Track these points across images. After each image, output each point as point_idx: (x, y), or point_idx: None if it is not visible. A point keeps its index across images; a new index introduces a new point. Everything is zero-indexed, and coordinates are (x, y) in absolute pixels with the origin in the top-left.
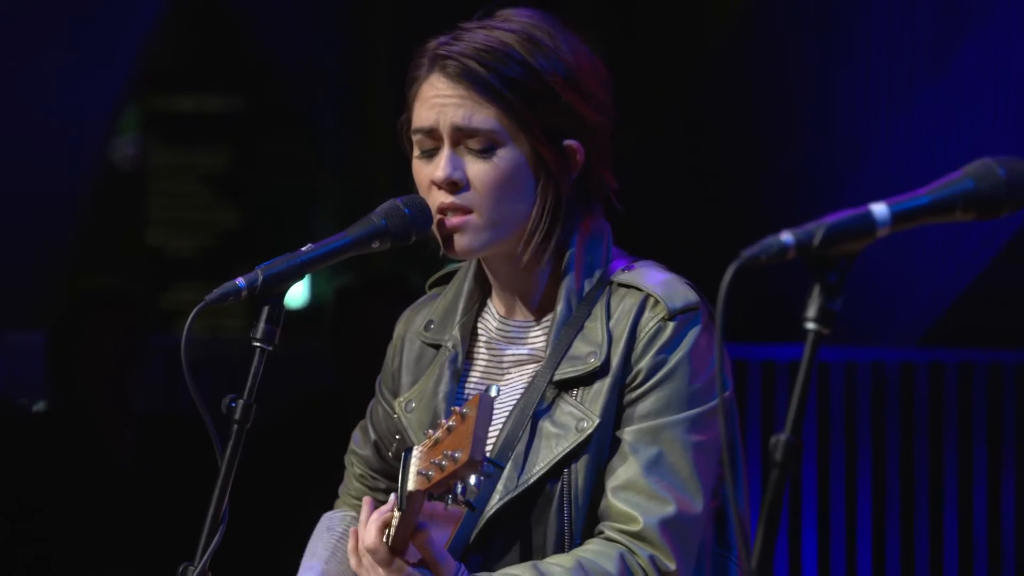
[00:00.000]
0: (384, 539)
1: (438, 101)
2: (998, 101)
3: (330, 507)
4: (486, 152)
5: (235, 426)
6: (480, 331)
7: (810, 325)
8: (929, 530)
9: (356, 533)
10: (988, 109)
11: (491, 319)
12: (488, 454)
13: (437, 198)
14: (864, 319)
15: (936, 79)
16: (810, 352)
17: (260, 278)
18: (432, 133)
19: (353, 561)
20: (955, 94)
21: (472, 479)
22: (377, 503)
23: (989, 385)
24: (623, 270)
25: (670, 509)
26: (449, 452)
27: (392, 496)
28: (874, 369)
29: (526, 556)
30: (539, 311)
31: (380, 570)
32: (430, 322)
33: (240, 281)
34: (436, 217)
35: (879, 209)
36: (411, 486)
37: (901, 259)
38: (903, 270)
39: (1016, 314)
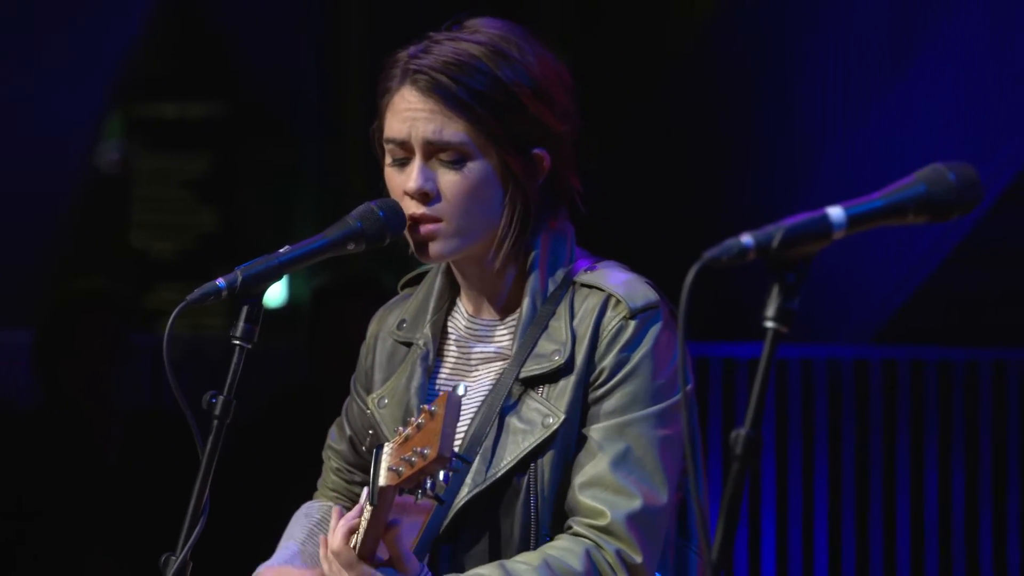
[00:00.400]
0: (352, 543)
1: (410, 115)
2: (950, 110)
3: (308, 499)
4: (456, 164)
5: (215, 422)
6: (450, 329)
7: (769, 324)
8: (883, 520)
9: (325, 541)
10: (940, 117)
11: (460, 318)
12: (456, 449)
13: (409, 207)
14: (820, 318)
15: (891, 88)
16: (769, 350)
17: (239, 279)
18: (404, 145)
19: (325, 567)
20: (909, 103)
21: (440, 474)
22: (346, 509)
23: (939, 381)
24: (586, 271)
25: (637, 503)
26: (419, 449)
27: (360, 500)
28: (830, 366)
29: (494, 547)
30: (505, 310)
31: (345, 573)
32: (402, 321)
33: (220, 282)
34: (409, 223)
35: (835, 212)
36: (382, 481)
37: (856, 260)
38: (858, 271)
39: (965, 313)
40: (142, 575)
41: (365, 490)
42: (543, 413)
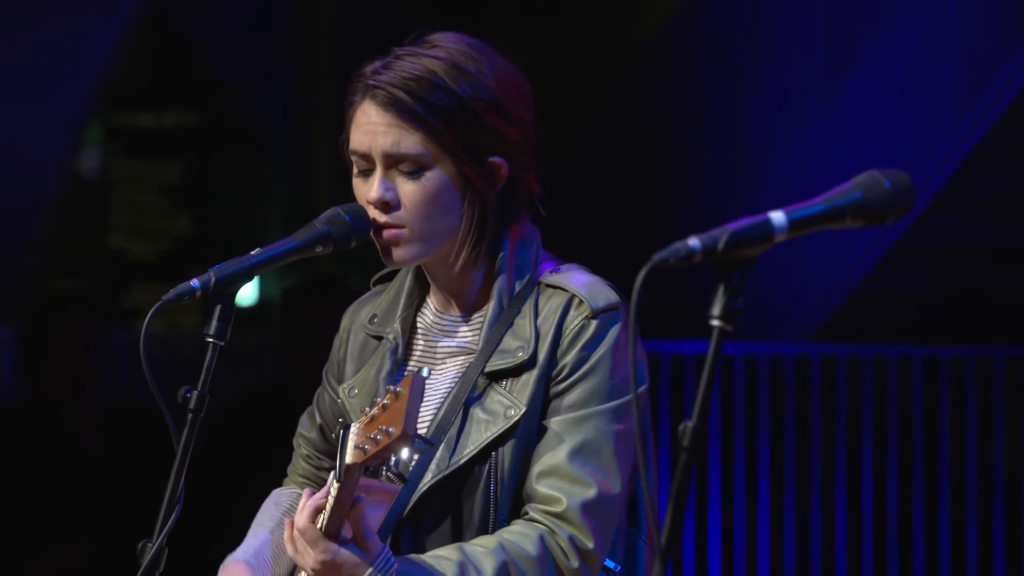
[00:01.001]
0: (319, 523)
1: (369, 128)
2: (883, 120)
3: (278, 485)
4: (414, 174)
5: (190, 415)
6: (419, 324)
7: (715, 322)
8: (821, 508)
9: (291, 523)
10: (874, 127)
11: (429, 313)
12: (423, 432)
13: (373, 215)
14: (764, 317)
15: (828, 99)
16: (715, 346)
17: (213, 279)
18: (366, 156)
19: (289, 548)
20: (846, 112)
21: (405, 452)
22: (315, 490)
23: (875, 376)
24: (551, 272)
25: (592, 492)
26: (384, 427)
27: (328, 481)
28: (772, 362)
29: (455, 529)
30: (472, 308)
31: (310, 550)
32: (374, 316)
33: (195, 282)
34: (374, 230)
35: (777, 216)
36: (349, 459)
37: (796, 262)
38: (798, 272)
39: (899, 312)
40: (120, 561)
41: (332, 474)
42: (505, 405)
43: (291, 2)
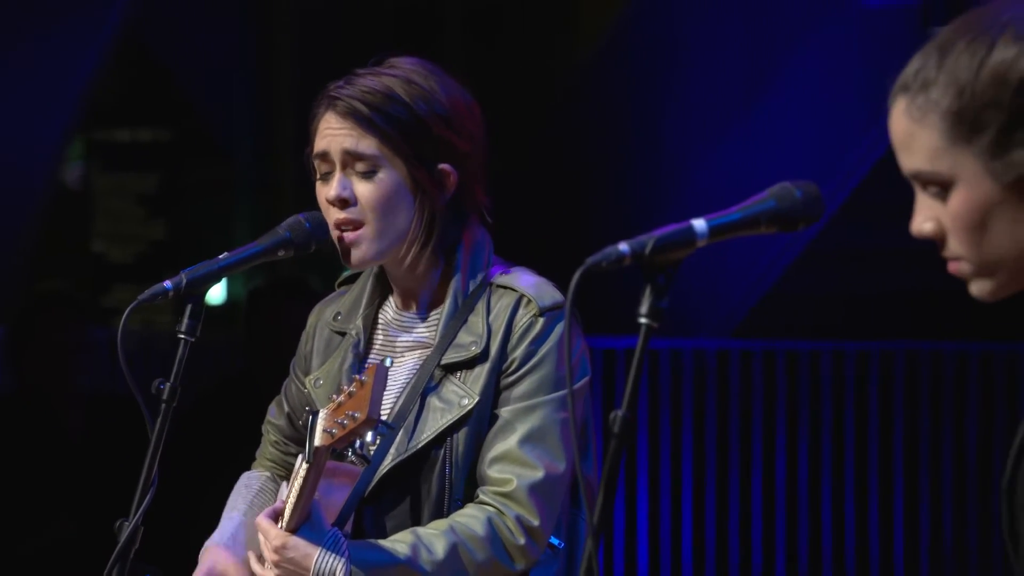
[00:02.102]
0: (287, 506)
1: (330, 133)
2: (794, 135)
3: (247, 468)
4: (369, 174)
5: (163, 404)
6: (380, 321)
7: (642, 320)
8: (740, 490)
9: (254, 553)
10: (786, 142)
11: (390, 310)
12: (385, 418)
13: (333, 214)
14: (687, 315)
15: (745, 116)
16: (642, 342)
17: (184, 280)
18: (326, 157)
19: (253, 561)
20: (761, 128)
21: (369, 436)
22: (282, 478)
23: (787, 369)
24: (501, 274)
25: (539, 474)
26: (350, 412)
27: (296, 464)
28: (695, 356)
29: (414, 508)
30: (429, 306)
31: (265, 542)
32: (338, 314)
33: (167, 283)
34: (335, 234)
35: (699, 224)
36: (318, 442)
37: (717, 265)
38: (719, 275)
39: (808, 310)
40: (100, 538)
41: (300, 457)
42: (460, 395)
43: (255, 29)
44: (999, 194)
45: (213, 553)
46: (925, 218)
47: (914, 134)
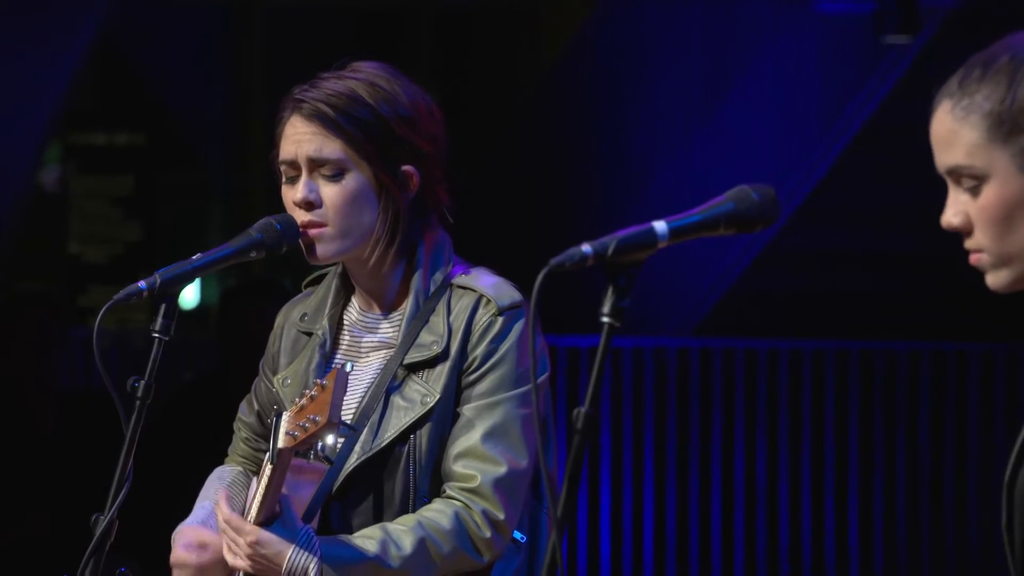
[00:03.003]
0: (253, 505)
1: (296, 137)
2: (753, 140)
3: (220, 464)
4: (335, 177)
5: (138, 402)
6: (345, 322)
7: (604, 319)
8: (699, 483)
9: (219, 511)
10: (745, 146)
11: (354, 312)
12: (349, 421)
13: (299, 216)
14: (649, 314)
15: (706, 121)
16: (605, 341)
17: (158, 281)
18: (293, 164)
19: (225, 550)
20: (721, 133)
21: (330, 438)
22: (252, 473)
23: (745, 366)
24: (461, 274)
25: (503, 469)
26: (311, 416)
27: (263, 463)
28: (656, 354)
29: (378, 505)
30: (391, 307)
31: (238, 538)
32: (304, 314)
33: (142, 284)
34: (300, 232)
35: (659, 225)
36: (281, 444)
37: (678, 266)
38: (680, 275)
39: (764, 310)
40: (75, 532)
41: (267, 454)
42: (422, 393)
43: (226, 36)
44: None
45: (188, 532)
46: (955, 212)
47: (956, 131)
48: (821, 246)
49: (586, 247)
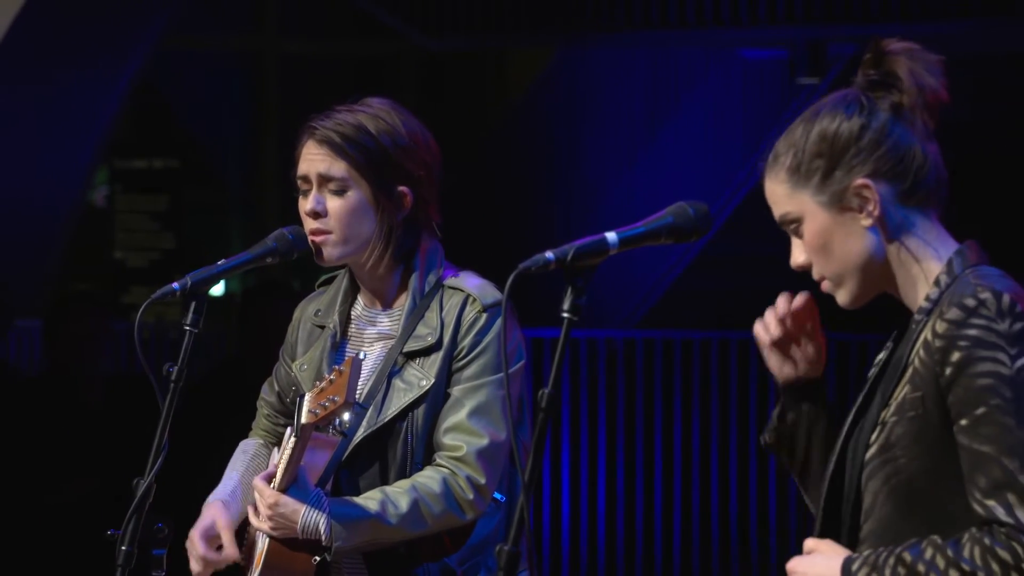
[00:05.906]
0: (278, 472)
1: (309, 157)
2: (689, 163)
3: (243, 438)
4: (339, 192)
5: (172, 384)
6: (352, 317)
7: (564, 314)
8: (643, 452)
9: (252, 508)
10: (682, 168)
11: (360, 308)
12: (358, 399)
13: (309, 224)
14: (601, 310)
15: (649, 149)
16: (564, 333)
17: (189, 282)
18: (306, 179)
19: (251, 514)
20: (661, 158)
21: (346, 416)
22: (273, 445)
23: (682, 354)
24: (452, 276)
25: (485, 441)
26: (331, 396)
27: (285, 436)
28: (607, 344)
29: (382, 471)
30: (391, 304)
31: (260, 499)
32: (318, 310)
33: (175, 284)
34: (311, 239)
35: (611, 236)
36: (304, 420)
37: (627, 269)
38: (628, 277)
39: (698, 306)
40: (119, 492)
41: (289, 429)
42: (419, 377)
43: (245, 78)
44: (830, 220)
45: (213, 509)
46: (798, 254)
47: (773, 189)
48: (746, 251)
49: (549, 254)
